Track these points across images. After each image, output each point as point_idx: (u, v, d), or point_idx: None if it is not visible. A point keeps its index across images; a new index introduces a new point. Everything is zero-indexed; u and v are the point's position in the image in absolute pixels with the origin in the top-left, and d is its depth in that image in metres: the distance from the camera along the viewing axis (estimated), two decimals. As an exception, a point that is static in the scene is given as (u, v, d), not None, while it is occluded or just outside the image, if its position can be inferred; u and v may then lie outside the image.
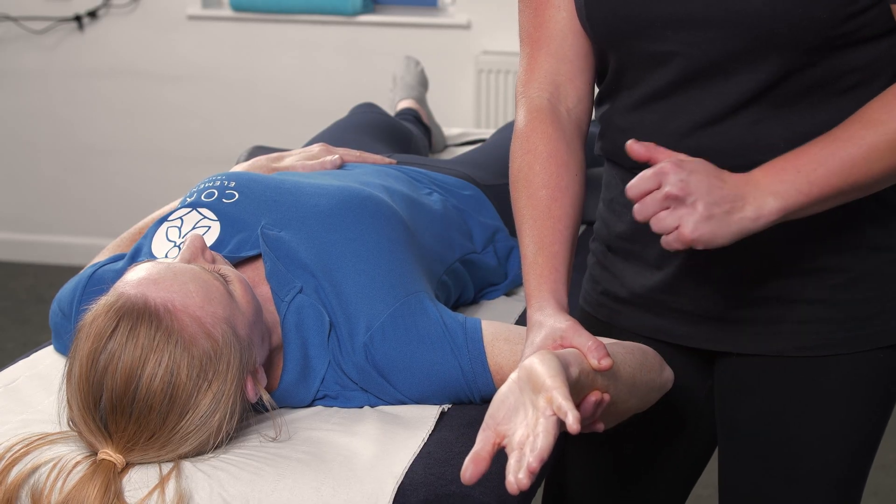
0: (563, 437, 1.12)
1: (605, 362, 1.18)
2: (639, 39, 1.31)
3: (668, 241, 1.19)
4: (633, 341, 1.39)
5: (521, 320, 1.71)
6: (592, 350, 1.19)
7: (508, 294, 1.85)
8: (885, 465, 2.92)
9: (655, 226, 1.19)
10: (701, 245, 1.19)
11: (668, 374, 1.36)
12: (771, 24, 1.23)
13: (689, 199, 1.18)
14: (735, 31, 1.25)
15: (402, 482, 1.25)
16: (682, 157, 1.21)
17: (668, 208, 1.19)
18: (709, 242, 1.19)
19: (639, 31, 1.30)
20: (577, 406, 1.16)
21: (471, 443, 1.11)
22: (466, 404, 1.43)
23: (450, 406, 1.42)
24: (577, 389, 1.15)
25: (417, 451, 1.31)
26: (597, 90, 1.44)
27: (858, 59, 1.26)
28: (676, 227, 1.18)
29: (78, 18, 4.17)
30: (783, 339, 1.37)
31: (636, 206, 1.20)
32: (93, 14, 4.16)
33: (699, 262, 1.37)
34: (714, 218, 1.18)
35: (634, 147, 1.22)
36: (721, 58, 1.27)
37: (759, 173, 1.22)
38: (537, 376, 1.10)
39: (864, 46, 1.26)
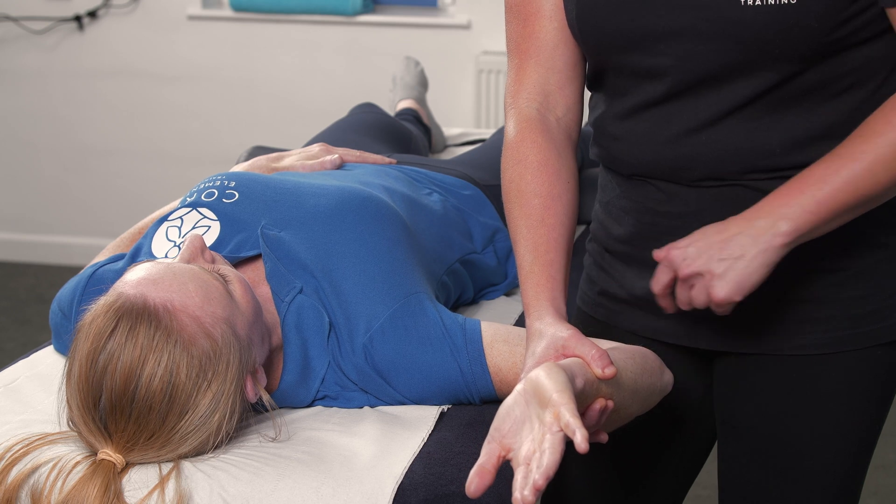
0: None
1: (609, 371, 1.18)
2: (631, 53, 1.31)
3: (717, 311, 1.26)
4: (631, 342, 1.39)
5: (521, 321, 1.71)
6: (596, 359, 1.18)
7: (508, 294, 1.85)
8: (884, 465, 2.91)
9: (697, 306, 1.26)
10: (739, 296, 1.24)
11: (668, 376, 1.36)
12: (764, 35, 1.23)
13: (702, 269, 1.24)
14: (728, 44, 1.25)
15: (401, 482, 1.25)
16: (684, 239, 1.28)
17: (692, 286, 1.25)
18: (741, 290, 1.23)
19: (631, 44, 1.30)
20: (582, 414, 1.16)
21: (470, 442, 1.11)
22: (466, 405, 1.43)
23: (449, 406, 1.42)
24: (581, 399, 1.14)
25: (417, 452, 1.31)
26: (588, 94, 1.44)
27: (852, 62, 1.26)
28: (710, 297, 1.24)
29: (78, 18, 4.16)
30: (782, 337, 1.37)
31: (678, 304, 1.28)
32: (93, 14, 4.16)
33: None
34: (731, 270, 1.23)
35: (657, 254, 1.29)
36: (715, 69, 1.27)
37: (765, 202, 1.25)
38: (544, 390, 1.10)
39: (857, 49, 1.26)
